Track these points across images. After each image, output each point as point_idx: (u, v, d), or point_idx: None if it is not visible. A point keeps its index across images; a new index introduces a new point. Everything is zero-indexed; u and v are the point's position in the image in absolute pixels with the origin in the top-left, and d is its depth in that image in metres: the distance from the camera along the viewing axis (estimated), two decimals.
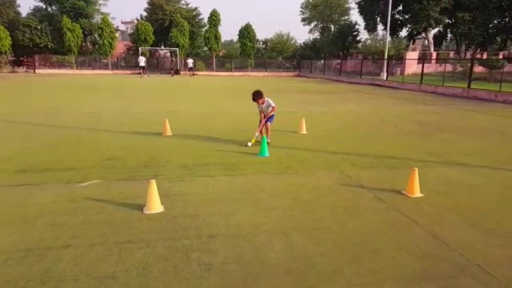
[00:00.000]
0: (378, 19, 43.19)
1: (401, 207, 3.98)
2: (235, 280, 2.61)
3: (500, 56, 34.72)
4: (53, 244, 3.09)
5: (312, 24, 58.61)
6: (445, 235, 3.34)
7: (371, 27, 44.92)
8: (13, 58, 40.69)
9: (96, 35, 45.49)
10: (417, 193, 4.31)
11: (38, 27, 41.49)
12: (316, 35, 58.34)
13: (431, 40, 40.95)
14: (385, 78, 27.52)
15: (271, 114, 6.90)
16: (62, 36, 40.28)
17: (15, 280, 2.58)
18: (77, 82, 24.51)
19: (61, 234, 3.26)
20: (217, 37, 43.55)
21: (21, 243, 3.10)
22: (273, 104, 6.86)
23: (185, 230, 3.37)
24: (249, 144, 6.74)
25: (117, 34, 47.34)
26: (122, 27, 69.91)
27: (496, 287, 2.58)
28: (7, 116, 9.84)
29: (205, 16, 47.69)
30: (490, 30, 42.35)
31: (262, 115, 6.95)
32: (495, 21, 41.20)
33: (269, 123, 6.95)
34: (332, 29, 55.31)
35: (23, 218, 3.59)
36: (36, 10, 45.44)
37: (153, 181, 3.81)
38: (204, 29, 46.49)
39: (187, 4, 49.25)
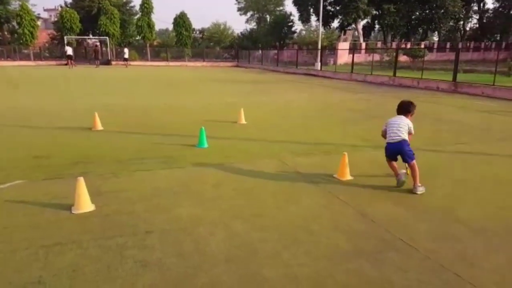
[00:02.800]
0: (311, 10, 44.62)
1: (334, 190, 4.20)
2: (174, 274, 2.57)
3: (422, 46, 37.74)
4: None
5: (249, 14, 58.83)
6: (373, 214, 3.59)
7: (305, 18, 46.29)
8: None
9: (14, 23, 41.33)
10: (348, 176, 4.57)
11: None
12: (253, 25, 58.70)
13: (361, 31, 43.34)
14: (319, 68, 28.60)
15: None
16: None
17: None
18: None
19: None
20: (150, 26, 41.87)
21: None
22: (383, 127, 4.63)
23: (119, 228, 3.23)
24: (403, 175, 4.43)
25: (39, 22, 43.46)
26: (45, 15, 64.38)
27: (417, 258, 2.83)
28: None
29: (136, 3, 45.57)
30: (413, 22, 45.86)
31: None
32: (417, 13, 44.65)
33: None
34: (268, 19, 55.98)
35: None
36: None
37: (81, 179, 3.59)
38: (136, 17, 44.40)
39: None
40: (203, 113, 9.55)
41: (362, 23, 44.06)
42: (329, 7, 43.46)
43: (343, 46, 36.32)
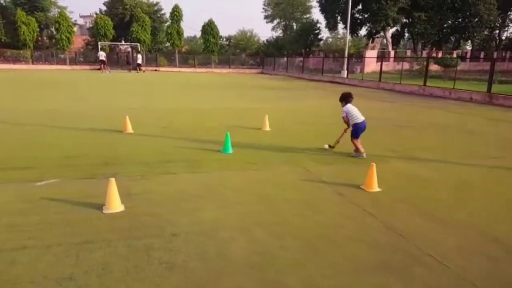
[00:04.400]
0: (339, 17, 44.32)
1: (360, 201, 4.14)
2: (198, 278, 2.61)
3: (454, 55, 36.69)
4: (8, 246, 2.95)
5: (275, 22, 59.11)
6: (400, 227, 3.51)
7: (332, 26, 46.00)
8: None
9: (53, 29, 43.36)
10: (375, 188, 4.49)
11: None
12: (279, 32, 58.94)
13: (389, 39, 42.60)
14: (345, 76, 28.32)
15: (353, 129, 6.05)
16: (16, 30, 38.12)
17: None
18: (33, 78, 23.25)
19: (16, 236, 3.12)
20: (179, 33, 42.85)
21: None
22: (342, 115, 6.23)
23: (147, 229, 3.32)
24: (326, 146, 6.50)
25: (75, 29, 45.35)
26: (81, 21, 67.13)
27: (448, 275, 2.74)
28: None
29: (167, 11, 46.80)
30: (444, 30, 44.65)
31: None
32: (449, 21, 43.48)
33: (352, 138, 6.08)
34: (295, 27, 56.07)
35: None
36: None
37: (113, 180, 3.72)
38: (166, 25, 45.57)
39: None
40: (228, 118, 9.66)
41: (391, 31, 43.35)
42: (357, 15, 43.04)
43: (371, 54, 35.84)
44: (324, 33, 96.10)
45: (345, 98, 6.22)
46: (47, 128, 7.81)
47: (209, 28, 44.13)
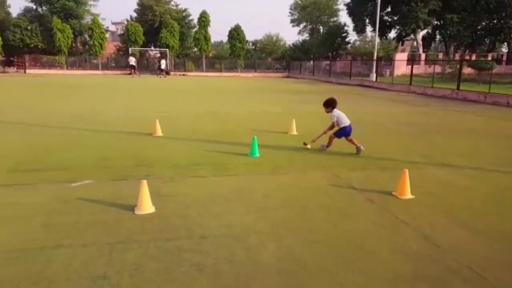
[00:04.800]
0: (367, 20, 43.66)
1: (392, 209, 4.02)
2: (227, 281, 2.61)
3: (489, 58, 35.25)
4: (46, 244, 3.06)
5: (301, 25, 58.94)
6: (436, 237, 3.38)
7: (360, 29, 45.37)
8: (3, 59, 40.22)
9: (86, 36, 45.16)
10: (408, 195, 4.35)
11: (29, 28, 41.14)
12: (305, 36, 58.70)
13: (420, 42, 41.50)
14: (374, 79, 27.81)
15: (338, 129, 6.56)
16: (52, 37, 39.95)
17: (8, 280, 2.55)
18: (68, 82, 24.22)
19: (53, 234, 3.23)
20: (206, 38, 43.54)
21: (14, 242, 3.06)
22: (333, 120, 6.58)
23: (177, 231, 3.36)
24: (308, 146, 6.81)
25: (107, 35, 46.93)
26: (112, 28, 69.39)
27: None
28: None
29: (194, 17, 47.67)
30: (478, 32, 43.06)
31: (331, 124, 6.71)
32: (483, 23, 41.91)
33: (333, 136, 6.63)
34: (321, 30, 55.71)
35: (17, 217, 3.55)
36: (27, 10, 45.04)
37: (145, 182, 3.80)
38: (194, 30, 46.41)
39: (176, 5, 49.24)
40: (255, 122, 9.68)
41: (421, 33, 42.23)
42: (386, 17, 42.26)
43: (401, 57, 35.06)
44: (352, 36, 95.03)
45: (332, 104, 6.57)
46: (80, 130, 8.09)
47: (235, 33, 44.59)
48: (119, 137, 7.41)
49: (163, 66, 36.81)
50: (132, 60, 35.13)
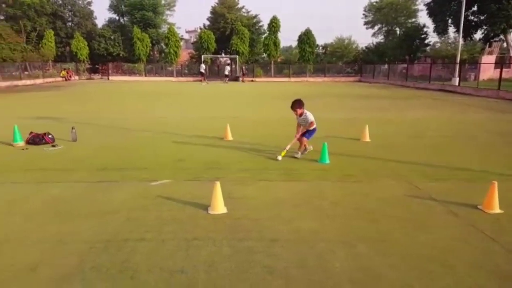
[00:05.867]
0: (450, 20, 40.58)
1: (478, 223, 3.69)
2: (299, 286, 2.61)
3: None
4: (129, 237, 3.34)
5: (376, 27, 56.66)
6: None
7: (441, 30, 42.34)
8: (89, 66, 44.66)
9: (162, 44, 48.28)
10: (496, 209, 3.96)
11: (112, 37, 45.25)
12: (380, 38, 56.35)
13: (511, 43, 37.49)
14: (457, 83, 25.70)
15: (311, 128, 6.28)
16: (132, 45, 43.36)
17: (98, 267, 2.83)
18: (146, 89, 26.17)
19: (136, 228, 3.52)
20: (276, 44, 43.91)
21: (102, 234, 3.39)
22: (311, 119, 6.21)
23: (248, 232, 3.45)
24: (279, 158, 6.14)
25: (181, 43, 49.72)
26: (186, 36, 73.31)
27: None
28: (87, 119, 10.80)
29: (265, 22, 48.37)
30: None
31: (300, 128, 6.36)
32: None
33: (305, 138, 6.32)
34: (398, 32, 53.06)
35: (104, 211, 3.93)
36: (111, 21, 49.57)
37: (218, 183, 3.96)
38: (263, 36, 47.14)
39: (247, 12, 50.36)
40: (324, 128, 9.50)
41: None
42: (471, 17, 38.90)
43: (488, 59, 32.02)
44: (432, 38, 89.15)
45: (302, 104, 6.29)
46: (158, 134, 8.67)
47: (305, 38, 44.33)
48: (192, 141, 7.81)
49: (226, 72, 38.13)
50: (202, 67, 36.87)
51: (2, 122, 9.91)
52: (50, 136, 7.46)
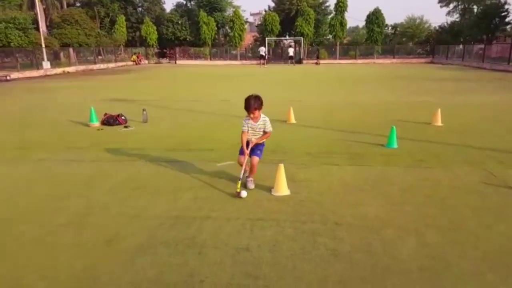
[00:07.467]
0: None
1: None
2: (363, 270, 2.59)
3: None
4: (197, 214, 3.53)
5: (451, 6, 51.96)
6: None
7: None
8: (158, 50, 46.80)
9: (227, 28, 48.91)
10: None
11: (179, 22, 46.71)
12: (455, 17, 51.62)
13: None
14: None
15: (262, 141, 4.29)
16: (198, 30, 44.47)
17: (167, 242, 3.04)
18: (212, 72, 26.88)
19: (203, 206, 3.71)
20: (342, 24, 42.29)
21: (171, 211, 3.62)
22: (269, 128, 4.29)
23: (311, 215, 3.46)
24: (243, 194, 3.92)
25: (246, 26, 49.96)
26: (251, 19, 73.39)
27: None
28: (157, 102, 11.44)
29: (331, 2, 46.65)
30: None
31: (250, 142, 4.15)
32: None
33: (256, 158, 4.16)
34: (475, 10, 48.10)
35: (174, 189, 4.18)
36: (178, 6, 51.10)
37: (281, 165, 4.00)
38: (329, 17, 45.58)
39: None
40: (393, 112, 9.08)
41: None
42: None
43: None
44: None
45: (262, 104, 4.35)
46: (224, 116, 8.93)
47: (374, 17, 42.11)
48: None
49: (291, 53, 37.58)
50: (262, 50, 36.78)
51: (79, 104, 10.85)
52: (123, 117, 8.05)
